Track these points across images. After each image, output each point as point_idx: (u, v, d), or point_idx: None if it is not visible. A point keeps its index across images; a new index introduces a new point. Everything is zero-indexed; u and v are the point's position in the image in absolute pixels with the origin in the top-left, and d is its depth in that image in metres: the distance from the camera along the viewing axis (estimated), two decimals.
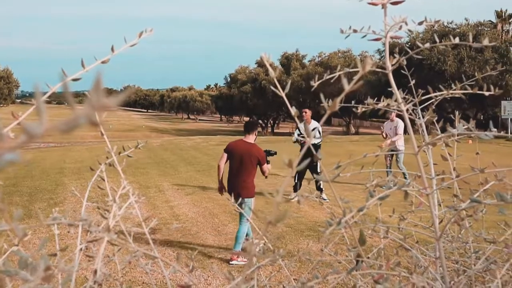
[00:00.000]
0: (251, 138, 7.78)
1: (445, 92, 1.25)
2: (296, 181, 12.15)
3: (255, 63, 61.92)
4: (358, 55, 54.33)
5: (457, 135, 0.95)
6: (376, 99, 1.34)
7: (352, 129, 54.54)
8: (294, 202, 11.70)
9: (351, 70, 1.24)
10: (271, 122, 63.84)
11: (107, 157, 1.41)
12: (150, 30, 1.11)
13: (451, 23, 44.89)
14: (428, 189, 1.00)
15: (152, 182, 14.77)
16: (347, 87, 0.63)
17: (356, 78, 0.67)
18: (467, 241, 1.40)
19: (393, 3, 0.97)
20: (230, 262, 7.41)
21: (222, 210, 10.85)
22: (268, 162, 7.96)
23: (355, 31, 1.09)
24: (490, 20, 53.14)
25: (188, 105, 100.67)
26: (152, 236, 1.31)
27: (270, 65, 0.93)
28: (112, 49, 1.06)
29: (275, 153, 8.76)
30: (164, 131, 64.17)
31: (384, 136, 13.60)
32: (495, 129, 0.96)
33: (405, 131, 12.93)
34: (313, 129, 11.65)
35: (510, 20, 62.03)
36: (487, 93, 1.22)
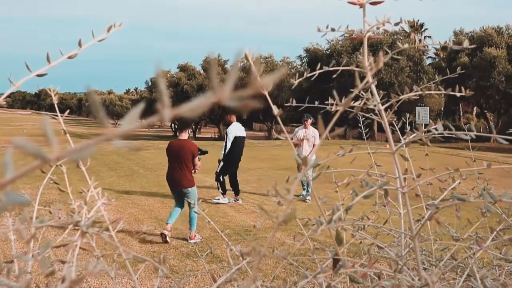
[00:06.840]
0: (184, 136, 9.05)
1: (421, 91, 1.28)
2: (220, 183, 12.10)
3: (177, 67, 61.26)
4: (280, 61, 55.08)
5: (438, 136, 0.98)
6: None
7: (274, 134, 55.00)
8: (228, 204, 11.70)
9: (342, 68, 1.25)
10: (193, 127, 63.37)
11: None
12: (119, 24, 1.06)
13: (368, 31, 46.70)
14: (404, 188, 1.02)
15: (72, 188, 14.18)
16: (360, 85, 0.63)
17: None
18: (435, 239, 1.44)
19: (372, 3, 0.98)
20: (190, 241, 8.63)
21: (148, 216, 10.63)
22: (199, 159, 9.16)
23: (333, 29, 1.10)
24: (404, 30, 55.68)
25: (108, 109, 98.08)
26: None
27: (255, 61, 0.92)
28: (80, 44, 1.01)
29: (206, 152, 9.73)
30: (83, 136, 62.04)
31: (298, 140, 12.27)
32: (474, 130, 0.99)
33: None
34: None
35: (422, 30, 65.60)
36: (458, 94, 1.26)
